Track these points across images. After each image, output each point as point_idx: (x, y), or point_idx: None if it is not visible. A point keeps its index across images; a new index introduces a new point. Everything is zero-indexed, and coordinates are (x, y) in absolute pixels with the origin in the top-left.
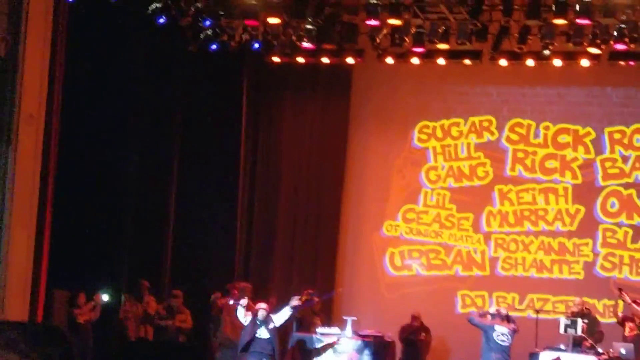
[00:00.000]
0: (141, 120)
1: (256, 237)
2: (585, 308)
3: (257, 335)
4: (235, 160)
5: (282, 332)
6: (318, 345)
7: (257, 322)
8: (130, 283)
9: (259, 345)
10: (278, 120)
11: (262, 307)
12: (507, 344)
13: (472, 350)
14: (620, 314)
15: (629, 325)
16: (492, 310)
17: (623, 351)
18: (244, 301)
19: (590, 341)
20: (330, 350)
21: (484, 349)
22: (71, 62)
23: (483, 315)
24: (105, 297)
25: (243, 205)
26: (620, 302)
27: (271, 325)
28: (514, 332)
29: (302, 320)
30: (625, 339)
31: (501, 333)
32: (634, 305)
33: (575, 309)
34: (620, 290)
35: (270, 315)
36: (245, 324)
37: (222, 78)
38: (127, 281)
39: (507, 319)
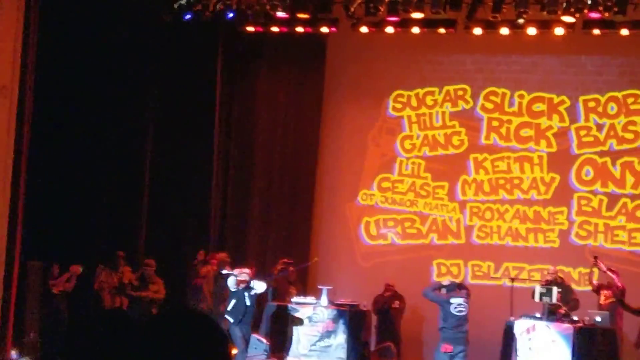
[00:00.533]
0: (116, 90)
1: (231, 206)
2: (559, 276)
3: (247, 304)
4: (210, 130)
5: (258, 301)
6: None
7: (243, 288)
8: (105, 253)
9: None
10: (252, 91)
11: (245, 271)
12: (465, 313)
13: None
14: (595, 282)
15: (604, 293)
16: (446, 282)
17: (598, 319)
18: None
19: (565, 309)
20: (306, 320)
21: (441, 321)
22: (44, 33)
23: (437, 288)
24: (80, 269)
25: (218, 175)
26: (596, 270)
27: (253, 292)
28: (468, 297)
29: (278, 290)
30: (600, 307)
31: (458, 304)
32: (609, 273)
33: (549, 277)
34: (595, 258)
35: (252, 280)
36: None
37: (196, 48)
38: (102, 252)
39: (459, 286)
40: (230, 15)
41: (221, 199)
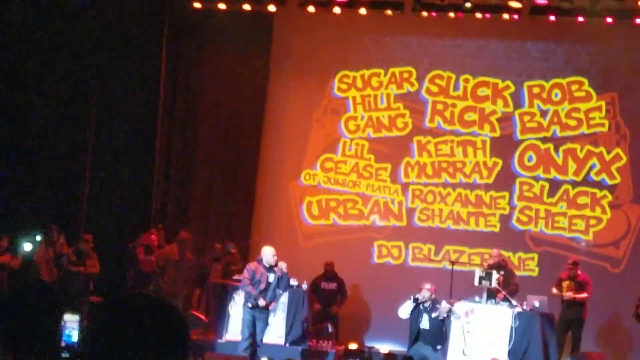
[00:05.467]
0: (57, 63)
1: (173, 184)
2: (502, 260)
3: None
4: (153, 106)
5: (201, 280)
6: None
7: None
8: (45, 228)
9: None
10: (198, 68)
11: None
12: None
13: (387, 299)
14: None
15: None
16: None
17: (537, 304)
18: None
19: (504, 293)
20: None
21: None
22: None
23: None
24: (28, 247)
25: (161, 153)
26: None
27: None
28: None
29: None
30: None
31: None
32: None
33: (491, 261)
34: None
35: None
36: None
37: (142, 23)
38: (42, 226)
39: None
40: None
41: (163, 175)
